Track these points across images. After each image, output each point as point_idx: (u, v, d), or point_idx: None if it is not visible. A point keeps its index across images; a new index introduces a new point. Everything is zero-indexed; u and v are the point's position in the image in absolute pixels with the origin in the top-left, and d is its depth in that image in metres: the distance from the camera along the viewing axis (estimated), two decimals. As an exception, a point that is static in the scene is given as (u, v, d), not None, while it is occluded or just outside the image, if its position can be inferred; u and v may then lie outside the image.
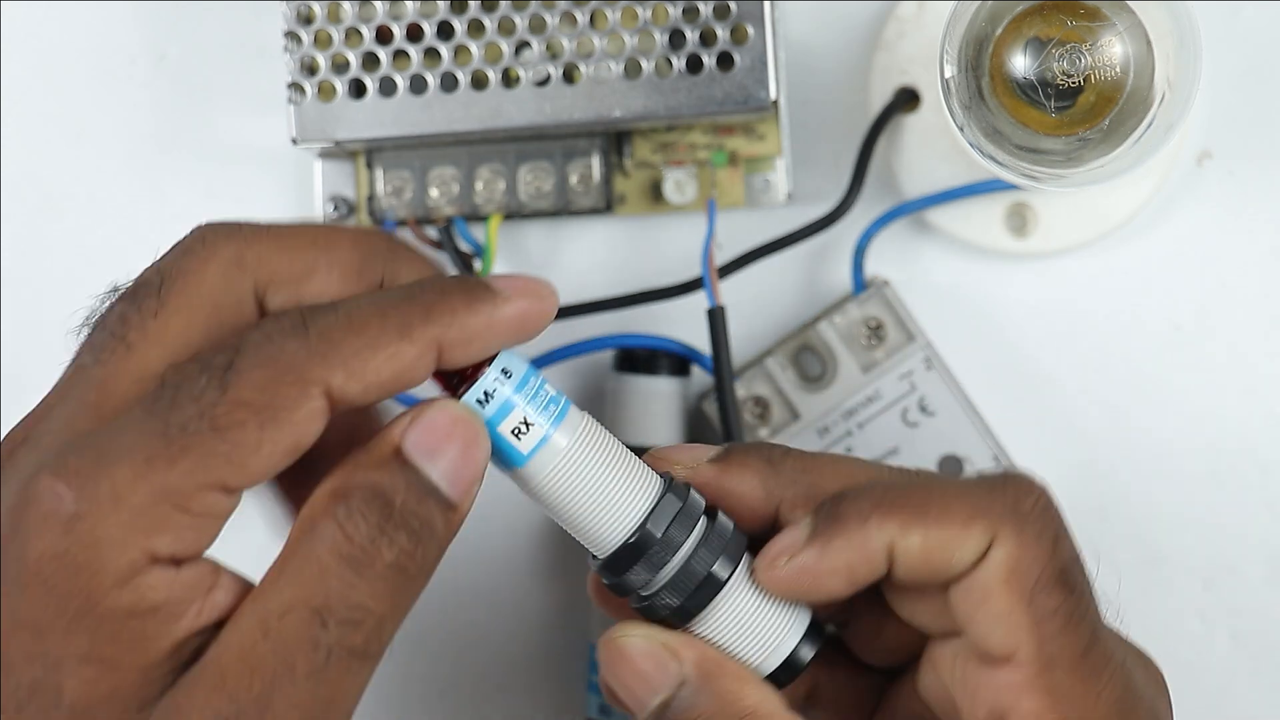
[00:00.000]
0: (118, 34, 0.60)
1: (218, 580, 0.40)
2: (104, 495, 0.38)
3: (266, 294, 0.41)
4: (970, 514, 0.41)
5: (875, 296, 0.57)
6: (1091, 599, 0.42)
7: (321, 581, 0.38)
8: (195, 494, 0.38)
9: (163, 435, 0.39)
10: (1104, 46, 0.50)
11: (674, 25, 0.54)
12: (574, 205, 0.57)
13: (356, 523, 0.39)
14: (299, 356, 0.39)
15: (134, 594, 0.38)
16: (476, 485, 0.40)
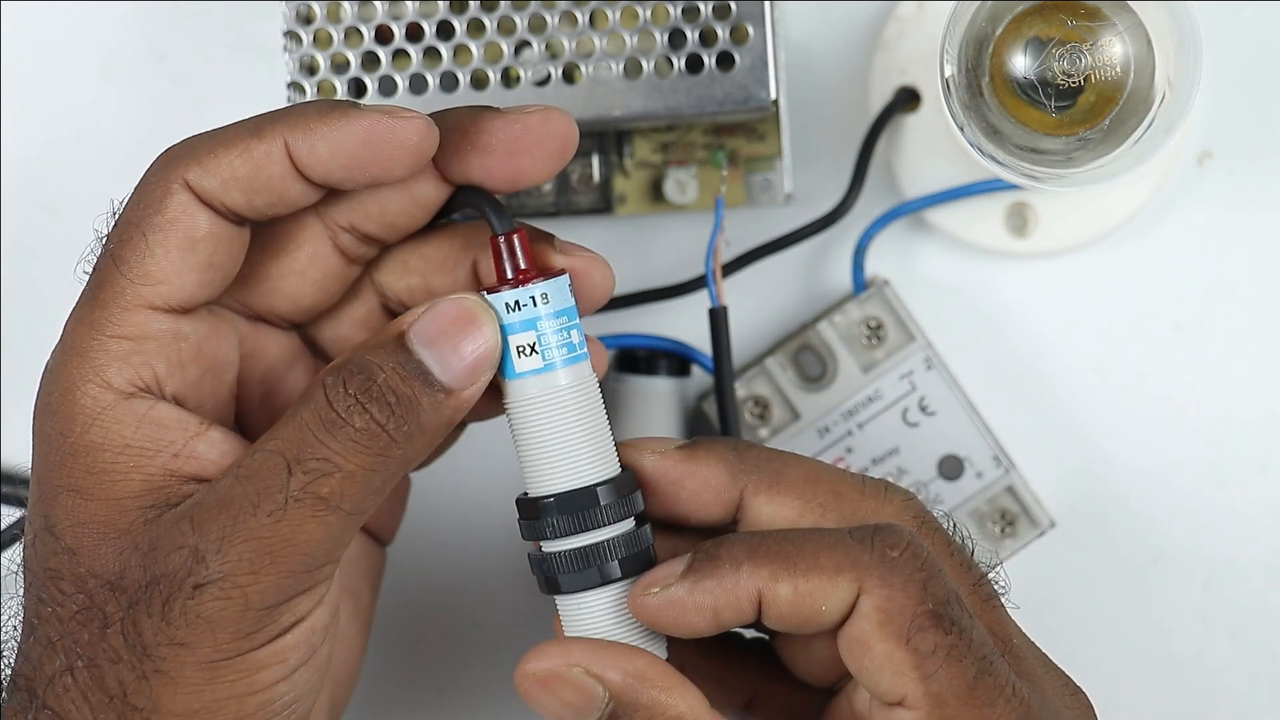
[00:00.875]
0: (118, 34, 0.60)
1: (203, 433, 0.44)
2: (63, 350, 0.44)
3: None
4: (838, 565, 0.43)
5: (875, 296, 0.57)
6: (973, 632, 0.42)
7: (298, 436, 0.42)
8: (120, 317, 0.43)
9: (88, 291, 0.44)
10: (1104, 46, 0.50)
11: (674, 25, 0.54)
12: (574, 205, 0.57)
13: (338, 391, 0.42)
14: (158, 163, 0.45)
15: (101, 430, 0.43)
16: (478, 373, 0.43)
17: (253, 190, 0.44)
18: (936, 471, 0.56)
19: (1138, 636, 0.59)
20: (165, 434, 0.44)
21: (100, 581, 0.43)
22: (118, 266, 0.44)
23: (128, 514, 0.43)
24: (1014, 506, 0.57)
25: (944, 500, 0.56)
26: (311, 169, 0.44)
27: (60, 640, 0.43)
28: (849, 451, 0.57)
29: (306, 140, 0.44)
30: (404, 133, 0.43)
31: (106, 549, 0.43)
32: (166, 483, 0.43)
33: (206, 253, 0.44)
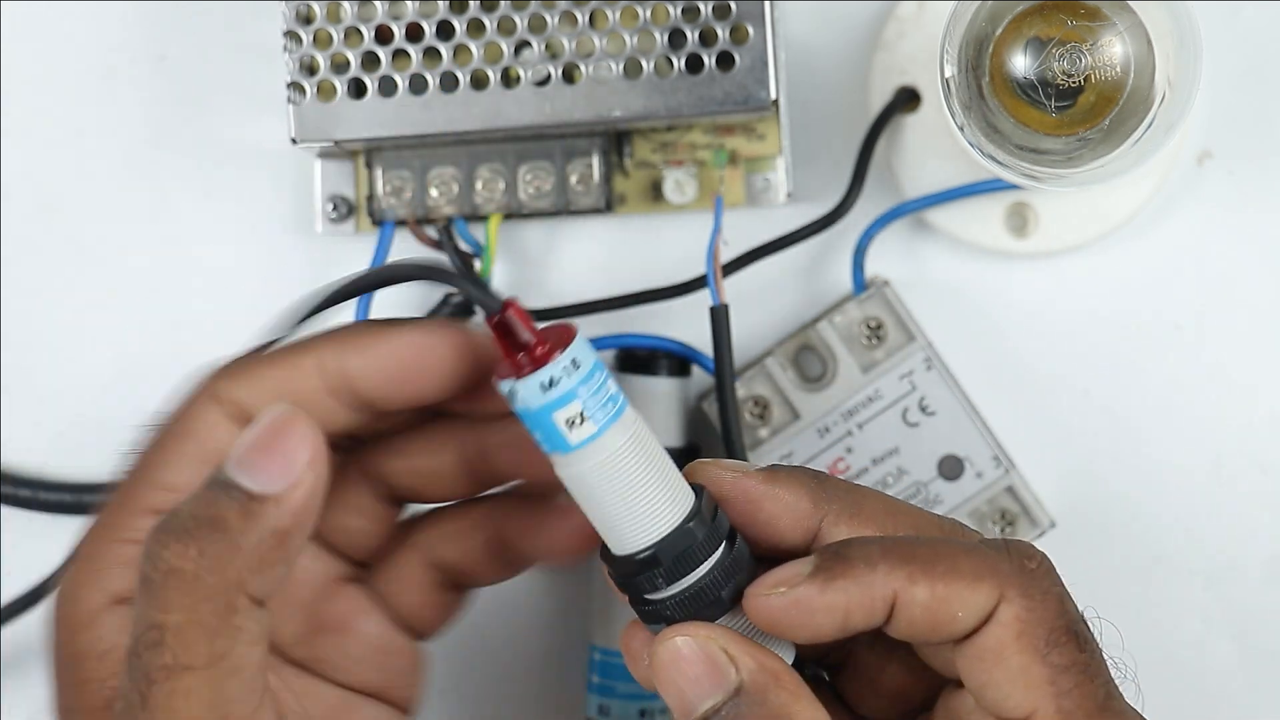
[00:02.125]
0: (118, 34, 0.60)
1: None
2: (72, 556, 0.42)
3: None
4: (978, 572, 0.41)
5: (875, 296, 0.57)
6: (1102, 658, 0.42)
7: (135, 614, 0.40)
8: (126, 521, 0.41)
9: (108, 500, 0.43)
10: (1104, 46, 0.50)
11: (674, 25, 0.54)
12: (574, 205, 0.57)
13: (149, 545, 0.40)
14: (199, 378, 0.43)
15: (87, 638, 0.41)
16: (290, 470, 0.40)
17: (278, 397, 0.42)
18: (936, 471, 0.56)
19: (1138, 636, 0.59)
20: None
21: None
22: (135, 473, 0.43)
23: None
24: (1014, 506, 0.57)
25: (944, 500, 0.56)
26: (358, 384, 0.43)
27: None
28: (849, 451, 0.57)
29: (338, 356, 0.43)
30: (439, 348, 0.43)
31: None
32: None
33: (214, 456, 0.42)
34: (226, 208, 0.60)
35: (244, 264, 0.60)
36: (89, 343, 0.61)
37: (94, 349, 0.61)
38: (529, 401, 0.41)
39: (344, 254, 0.60)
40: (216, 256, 0.60)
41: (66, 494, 0.60)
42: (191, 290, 0.60)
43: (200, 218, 0.60)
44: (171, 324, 0.60)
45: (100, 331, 0.60)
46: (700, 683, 0.41)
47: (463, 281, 0.43)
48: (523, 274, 0.60)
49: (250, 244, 0.60)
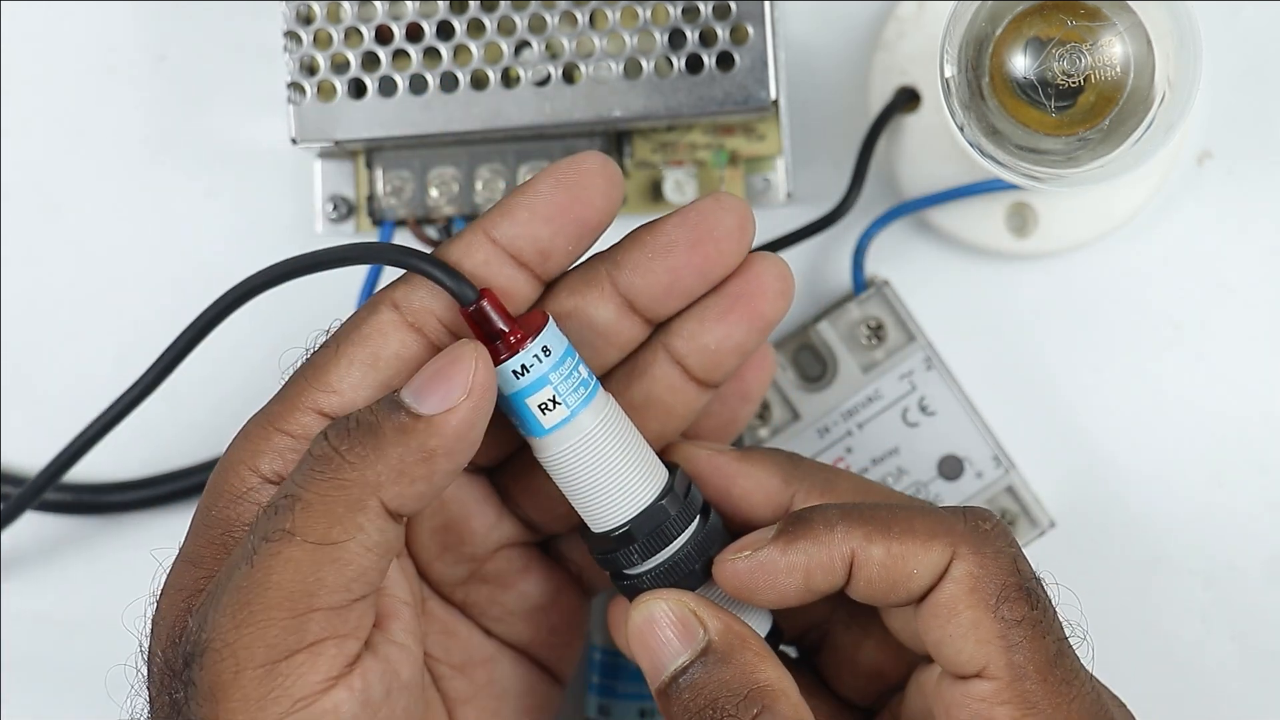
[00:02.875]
0: (118, 34, 0.60)
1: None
2: (236, 436, 0.45)
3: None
4: (932, 531, 0.43)
5: (875, 296, 0.57)
6: (1055, 616, 0.43)
7: (280, 485, 0.43)
8: (289, 414, 0.44)
9: (280, 390, 0.45)
10: (1104, 46, 0.50)
11: (674, 25, 0.54)
12: (574, 205, 0.57)
13: (320, 432, 0.43)
14: (386, 287, 0.46)
15: (237, 510, 0.44)
16: (450, 396, 0.42)
17: (454, 315, 0.44)
18: (936, 471, 0.56)
19: (1138, 636, 0.59)
20: None
21: (162, 665, 0.43)
22: (304, 370, 0.45)
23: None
24: (1014, 506, 0.57)
25: (944, 500, 0.56)
26: (514, 242, 0.45)
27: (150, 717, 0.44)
28: (849, 451, 0.57)
29: (504, 218, 0.45)
30: (594, 180, 0.45)
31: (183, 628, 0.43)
32: None
33: (388, 373, 0.44)
34: (226, 208, 0.60)
35: (244, 264, 0.60)
36: (89, 343, 0.61)
37: (94, 349, 0.61)
38: (503, 388, 0.44)
39: (344, 254, 0.60)
40: (216, 256, 0.60)
41: (67, 494, 0.60)
42: (192, 290, 0.60)
43: (200, 218, 0.60)
44: (172, 324, 0.60)
45: (100, 331, 0.60)
46: (670, 644, 0.43)
47: (435, 271, 0.44)
48: (523, 274, 0.60)
49: (250, 244, 0.60)
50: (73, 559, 0.61)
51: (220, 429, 0.60)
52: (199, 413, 0.60)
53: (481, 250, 0.45)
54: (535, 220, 0.44)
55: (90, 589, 0.61)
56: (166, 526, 0.60)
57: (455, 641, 0.48)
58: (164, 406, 0.60)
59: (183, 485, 0.60)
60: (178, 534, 0.60)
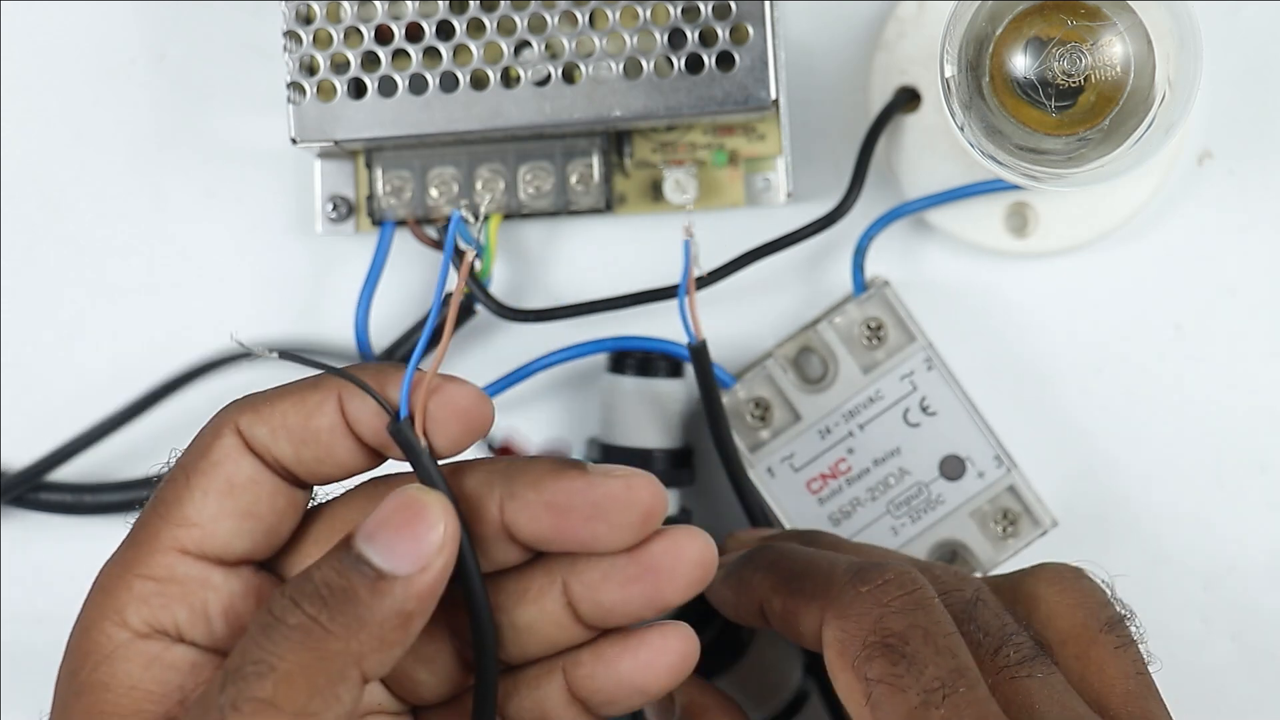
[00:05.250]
0: (118, 34, 0.60)
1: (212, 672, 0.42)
2: (92, 589, 0.43)
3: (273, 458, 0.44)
4: (813, 593, 0.44)
5: (876, 297, 0.57)
6: (929, 668, 0.42)
7: (239, 649, 0.40)
8: (149, 558, 0.42)
9: (128, 534, 0.43)
10: (1104, 46, 0.50)
11: (674, 25, 0.54)
12: (574, 205, 0.57)
13: (277, 597, 0.41)
14: (218, 413, 0.43)
15: (109, 669, 0.41)
16: (423, 556, 0.41)
17: (301, 441, 0.43)
18: (938, 471, 0.56)
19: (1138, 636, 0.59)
20: (175, 678, 0.42)
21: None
22: (155, 508, 0.43)
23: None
24: (1016, 506, 0.57)
25: (946, 500, 0.56)
26: (361, 425, 0.43)
27: None
28: (850, 452, 0.57)
29: (360, 397, 0.43)
30: (458, 397, 0.43)
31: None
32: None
33: (247, 500, 0.43)
34: (226, 207, 0.60)
35: (244, 264, 0.60)
36: (89, 343, 0.61)
37: (94, 349, 0.61)
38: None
39: (344, 254, 0.60)
40: (217, 256, 0.60)
41: (67, 494, 0.60)
42: (191, 290, 0.60)
43: (200, 218, 0.60)
44: (171, 324, 0.60)
45: (100, 331, 0.60)
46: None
47: (365, 386, 0.43)
48: (523, 274, 0.60)
49: (250, 244, 0.60)
50: (73, 559, 0.61)
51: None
52: (199, 413, 0.60)
53: (333, 426, 0.43)
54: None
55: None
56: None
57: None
58: (164, 406, 0.60)
59: (183, 485, 0.59)
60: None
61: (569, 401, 0.60)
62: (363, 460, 0.44)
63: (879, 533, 0.56)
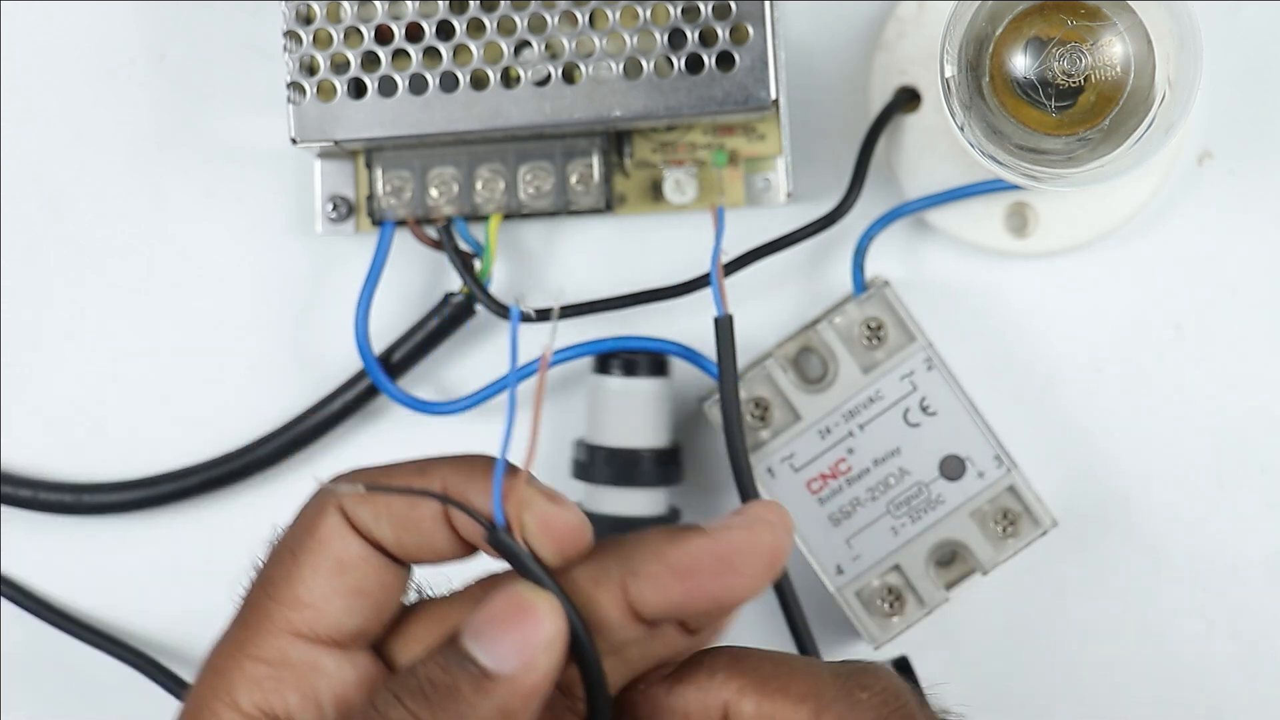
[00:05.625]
0: (118, 34, 0.60)
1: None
2: (204, 669, 0.43)
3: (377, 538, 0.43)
4: (803, 693, 0.42)
5: (876, 297, 0.57)
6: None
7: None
8: (261, 640, 0.42)
9: (237, 614, 0.43)
10: (1104, 46, 0.50)
11: (674, 25, 0.54)
12: (574, 205, 0.57)
13: (382, 692, 0.40)
14: (318, 491, 0.43)
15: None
16: (527, 654, 0.40)
17: (403, 527, 0.43)
18: (938, 471, 0.56)
19: (1138, 636, 0.59)
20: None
21: None
22: (264, 588, 0.43)
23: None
24: (1016, 506, 0.57)
25: (946, 500, 0.56)
26: (461, 522, 0.43)
27: None
28: (850, 452, 0.56)
29: (463, 487, 0.42)
30: (556, 520, 0.42)
31: None
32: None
33: (356, 578, 0.43)
34: (226, 207, 0.60)
35: (244, 264, 0.60)
36: (89, 342, 0.61)
37: (94, 349, 0.60)
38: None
39: (344, 254, 0.60)
40: (216, 256, 0.60)
41: (66, 494, 0.60)
42: (191, 290, 0.60)
43: (200, 218, 0.60)
44: (171, 324, 0.60)
45: (100, 331, 0.60)
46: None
47: (460, 506, 0.43)
48: (523, 274, 0.60)
49: (250, 244, 0.60)
50: (73, 559, 0.61)
51: (220, 429, 0.60)
52: (199, 412, 0.60)
53: (433, 517, 0.43)
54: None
55: (90, 589, 0.61)
56: (166, 526, 0.60)
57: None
58: (164, 406, 0.60)
59: (183, 485, 0.60)
60: (177, 534, 0.60)
61: (557, 402, 0.59)
62: (461, 551, 0.43)
63: (879, 533, 0.56)
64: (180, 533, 0.60)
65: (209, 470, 0.59)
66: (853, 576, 0.57)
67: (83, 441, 0.60)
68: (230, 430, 0.60)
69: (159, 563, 0.60)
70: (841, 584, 0.57)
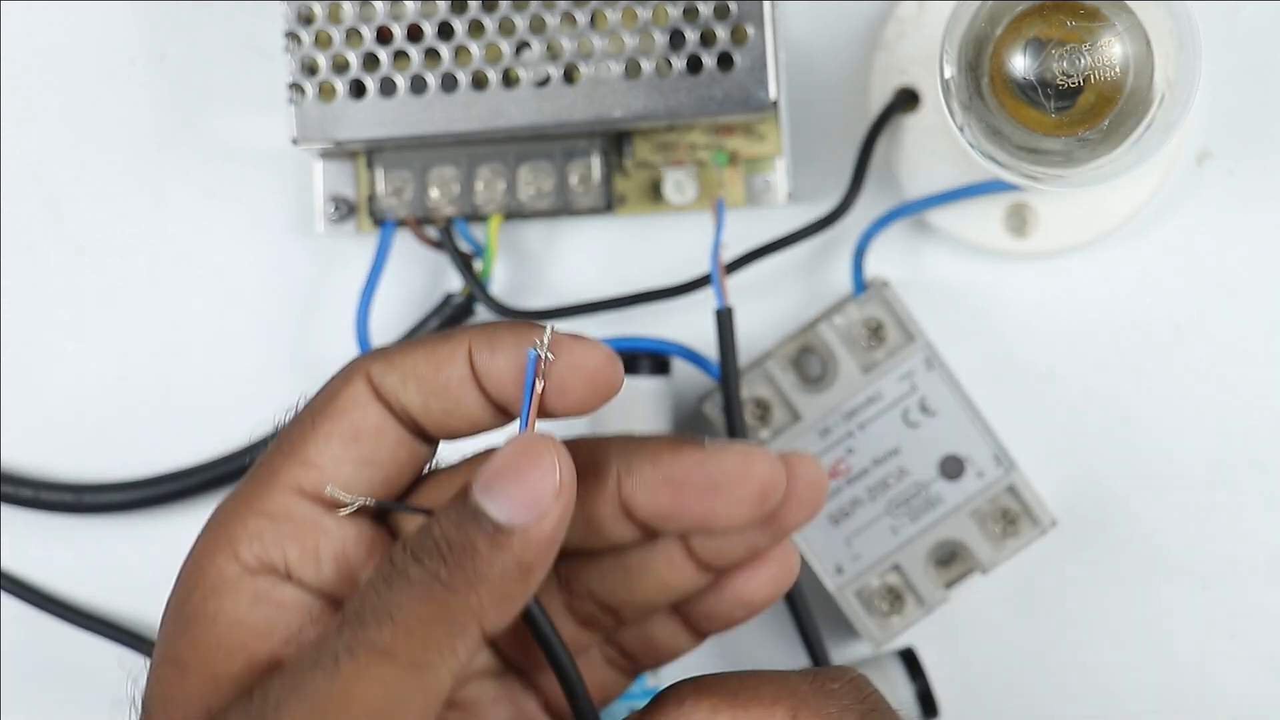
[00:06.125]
0: (118, 34, 0.60)
1: (323, 618, 0.42)
2: (208, 522, 0.43)
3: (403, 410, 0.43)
4: (776, 695, 0.42)
5: (875, 297, 0.57)
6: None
7: (358, 597, 0.40)
8: (266, 495, 0.42)
9: (249, 471, 0.43)
10: (1104, 47, 0.50)
11: (674, 25, 0.54)
12: (574, 205, 0.57)
13: (398, 549, 0.41)
14: (349, 362, 0.43)
15: (217, 602, 0.41)
16: (538, 505, 0.40)
17: (430, 391, 0.43)
18: (938, 471, 0.56)
19: (1138, 636, 0.59)
20: (281, 616, 0.42)
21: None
22: (279, 447, 0.43)
23: (221, 694, 0.41)
24: (1015, 506, 0.57)
25: (945, 500, 0.56)
26: (490, 379, 0.43)
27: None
28: (850, 452, 0.57)
29: (489, 347, 0.42)
30: (585, 358, 0.42)
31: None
32: (273, 669, 0.41)
33: (369, 448, 0.43)
34: (227, 208, 0.60)
35: (244, 264, 0.60)
36: (89, 343, 0.61)
37: (94, 349, 0.61)
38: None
39: (344, 254, 0.60)
40: (217, 256, 0.60)
41: (67, 494, 0.60)
42: (192, 290, 0.60)
43: (200, 218, 0.60)
44: (171, 324, 0.60)
45: (100, 331, 0.60)
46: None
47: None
48: (523, 274, 0.60)
49: (250, 244, 0.60)
50: (74, 559, 0.61)
51: (220, 429, 0.60)
52: (199, 412, 0.60)
53: (461, 378, 0.43)
54: (514, 364, 0.43)
55: (91, 589, 0.61)
56: (166, 526, 0.60)
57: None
58: (164, 406, 0.60)
59: (183, 485, 0.60)
60: (176, 534, 0.60)
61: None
62: (489, 417, 0.43)
63: (879, 533, 0.56)
64: (180, 533, 0.60)
65: (209, 470, 0.59)
66: (852, 576, 0.57)
67: (83, 441, 0.60)
68: (230, 430, 0.60)
69: (159, 563, 0.60)
70: (841, 584, 0.57)
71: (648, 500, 0.42)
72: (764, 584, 0.45)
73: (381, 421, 0.43)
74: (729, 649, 0.59)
